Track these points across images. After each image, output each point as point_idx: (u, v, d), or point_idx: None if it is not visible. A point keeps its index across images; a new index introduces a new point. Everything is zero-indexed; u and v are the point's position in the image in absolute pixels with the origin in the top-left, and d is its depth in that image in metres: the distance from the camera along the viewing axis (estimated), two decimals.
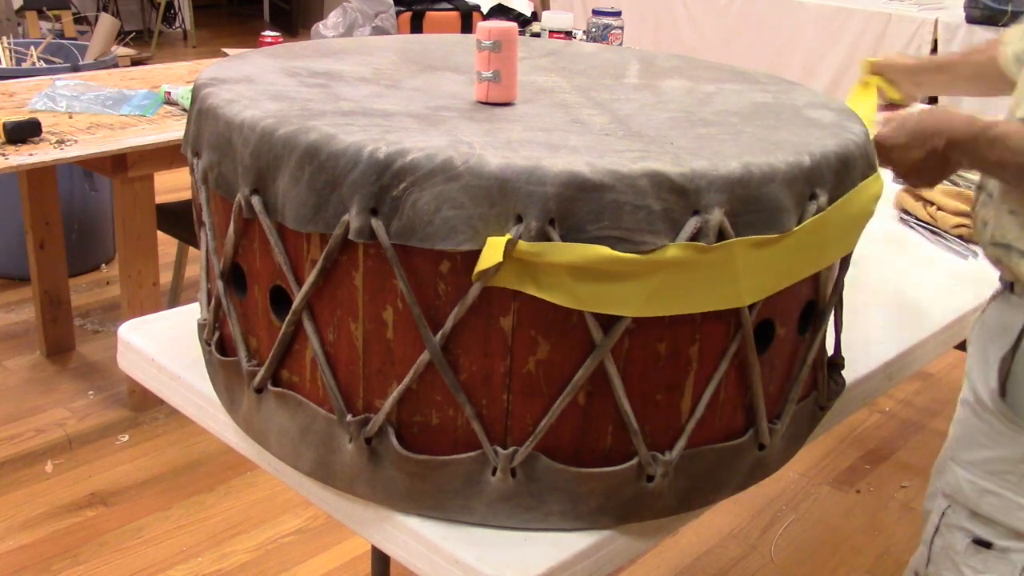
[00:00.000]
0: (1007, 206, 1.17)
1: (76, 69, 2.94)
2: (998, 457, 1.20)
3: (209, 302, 1.12)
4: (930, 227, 1.83)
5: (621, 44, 3.07)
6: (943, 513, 1.27)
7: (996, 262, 1.22)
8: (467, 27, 4.87)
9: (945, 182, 2.07)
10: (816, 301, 1.05)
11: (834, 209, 0.97)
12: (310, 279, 0.93)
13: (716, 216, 0.87)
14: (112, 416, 2.56)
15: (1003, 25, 3.51)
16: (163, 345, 1.25)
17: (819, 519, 2.39)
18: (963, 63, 1.51)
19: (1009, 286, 1.22)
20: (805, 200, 0.94)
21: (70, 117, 2.36)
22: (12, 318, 3.04)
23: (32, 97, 2.44)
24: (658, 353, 0.93)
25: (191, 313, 1.31)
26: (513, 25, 1.07)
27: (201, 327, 1.16)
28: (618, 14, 3.03)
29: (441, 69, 1.21)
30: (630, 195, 0.85)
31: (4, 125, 2.11)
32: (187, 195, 1.43)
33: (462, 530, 0.95)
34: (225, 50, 3.75)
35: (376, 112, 0.98)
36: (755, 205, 0.90)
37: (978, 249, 1.63)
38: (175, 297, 2.89)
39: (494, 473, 0.94)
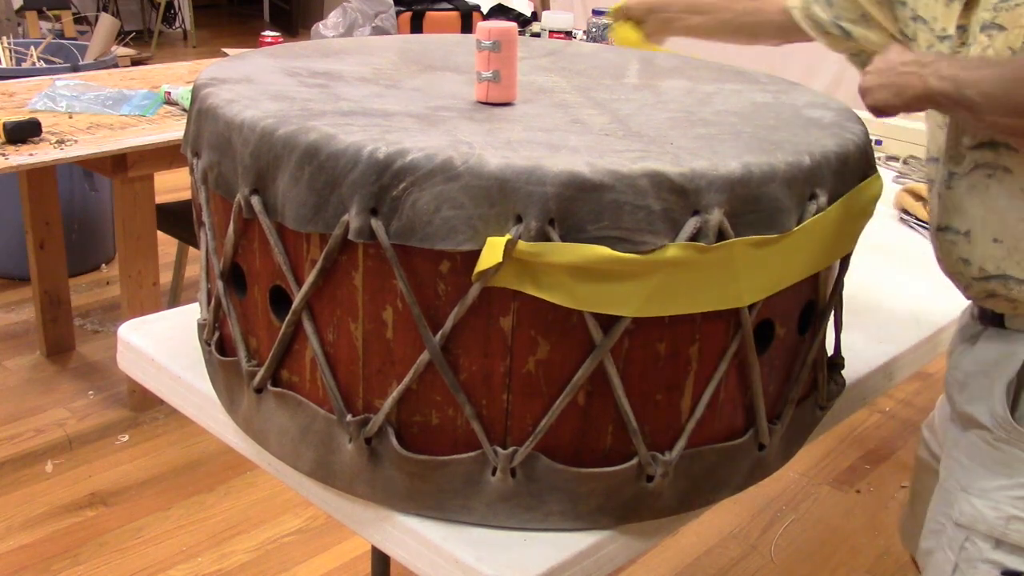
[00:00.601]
0: (989, 235, 1.11)
1: (76, 69, 2.94)
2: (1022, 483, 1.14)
3: (209, 302, 1.12)
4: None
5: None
6: (961, 547, 1.18)
7: (987, 297, 1.15)
8: (467, 27, 4.87)
9: None
10: (816, 301, 1.05)
11: (834, 209, 0.97)
12: (310, 279, 0.93)
13: (716, 216, 0.87)
14: (112, 416, 2.56)
15: None
16: (163, 345, 1.25)
17: (819, 519, 2.39)
18: (724, 8, 1.42)
19: (996, 320, 1.16)
20: (805, 200, 0.94)
21: (70, 117, 2.36)
22: (12, 318, 3.04)
23: (32, 97, 2.44)
24: (658, 353, 0.93)
25: (191, 313, 1.31)
26: (513, 25, 1.07)
27: (201, 327, 1.16)
28: None
29: (441, 69, 1.21)
30: (630, 195, 0.85)
31: (4, 125, 2.11)
32: (187, 195, 1.43)
33: (462, 530, 0.95)
34: (225, 50, 3.75)
35: (376, 112, 0.98)
36: (755, 205, 0.90)
37: None
38: (175, 297, 2.89)
39: (494, 473, 0.94)
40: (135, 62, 4.98)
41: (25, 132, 2.13)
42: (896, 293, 1.55)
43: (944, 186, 1.15)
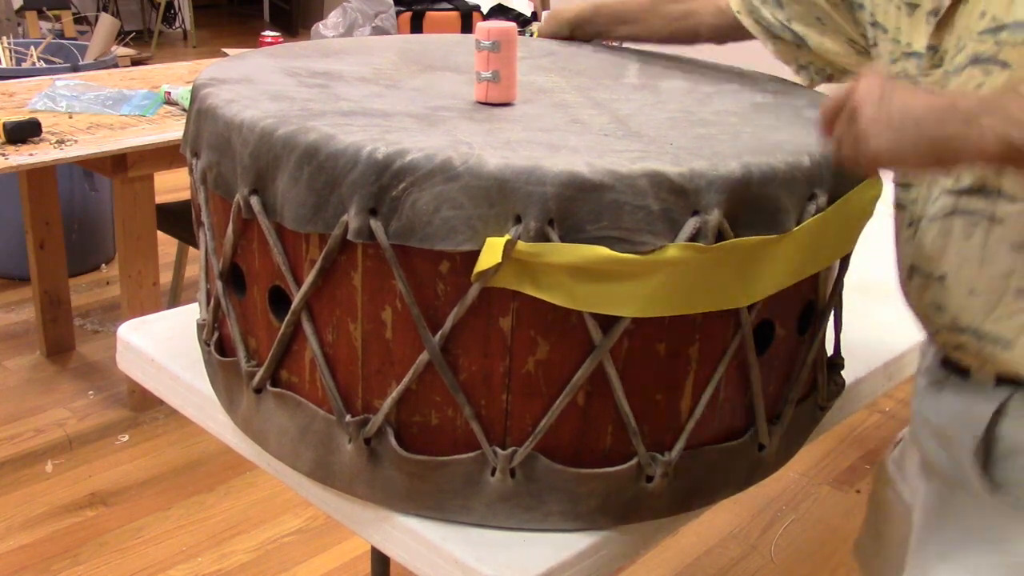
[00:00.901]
0: (965, 285, 0.99)
1: (76, 69, 2.94)
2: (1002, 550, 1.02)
3: (208, 302, 1.12)
4: None
5: (621, 44, 3.07)
6: None
7: (955, 348, 1.03)
8: (467, 27, 4.87)
9: None
10: (816, 301, 1.05)
11: (833, 209, 0.96)
12: (309, 279, 0.93)
13: (715, 216, 0.87)
14: (112, 416, 2.56)
15: None
16: (163, 345, 1.25)
17: (819, 519, 2.39)
18: (652, 14, 1.31)
19: (963, 372, 1.04)
20: (804, 200, 0.94)
21: (70, 117, 2.36)
22: (12, 318, 3.04)
23: (32, 97, 2.44)
24: (657, 353, 0.92)
25: (191, 313, 1.31)
26: (513, 25, 1.07)
27: (200, 327, 1.16)
28: None
29: (441, 69, 1.21)
30: (629, 195, 0.85)
31: (4, 125, 2.11)
32: (187, 195, 1.44)
33: (462, 530, 0.95)
34: (225, 50, 3.76)
35: (376, 112, 0.98)
36: (754, 205, 0.90)
37: None
38: (175, 297, 2.89)
39: (493, 473, 0.94)
40: (135, 62, 4.98)
41: (25, 132, 2.13)
42: (896, 293, 1.55)
43: (917, 222, 1.04)
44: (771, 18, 1.21)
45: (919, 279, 1.05)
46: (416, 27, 4.94)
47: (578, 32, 1.40)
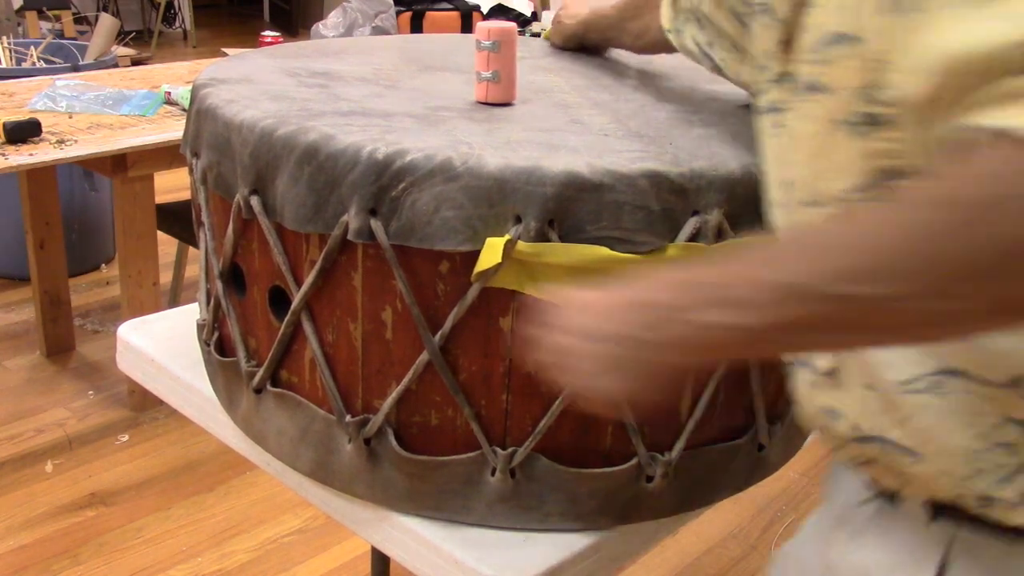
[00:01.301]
0: (859, 379, 0.73)
1: (76, 69, 2.94)
2: None
3: (208, 302, 1.12)
4: None
5: None
6: None
7: (864, 464, 0.77)
8: (467, 27, 4.87)
9: None
10: None
11: None
12: (309, 279, 0.93)
13: (715, 216, 0.87)
14: (112, 416, 2.56)
15: None
16: (163, 345, 1.25)
17: None
18: (620, 31, 1.27)
19: (887, 496, 0.77)
20: None
21: (70, 117, 2.36)
22: (12, 318, 3.04)
23: (32, 97, 2.44)
24: None
25: (191, 313, 1.31)
26: (513, 25, 1.07)
27: (200, 327, 1.16)
28: None
29: (441, 69, 1.21)
30: (629, 195, 0.85)
31: (4, 125, 2.11)
32: (187, 195, 1.44)
33: (462, 531, 0.95)
34: (225, 50, 3.76)
35: (375, 112, 0.98)
36: (754, 205, 0.90)
37: None
38: (175, 297, 2.89)
39: (493, 474, 0.94)
40: (135, 62, 4.98)
41: (25, 132, 2.13)
42: None
43: None
44: (691, 43, 1.06)
45: (806, 376, 0.78)
46: (416, 27, 4.94)
47: (587, 43, 1.40)
